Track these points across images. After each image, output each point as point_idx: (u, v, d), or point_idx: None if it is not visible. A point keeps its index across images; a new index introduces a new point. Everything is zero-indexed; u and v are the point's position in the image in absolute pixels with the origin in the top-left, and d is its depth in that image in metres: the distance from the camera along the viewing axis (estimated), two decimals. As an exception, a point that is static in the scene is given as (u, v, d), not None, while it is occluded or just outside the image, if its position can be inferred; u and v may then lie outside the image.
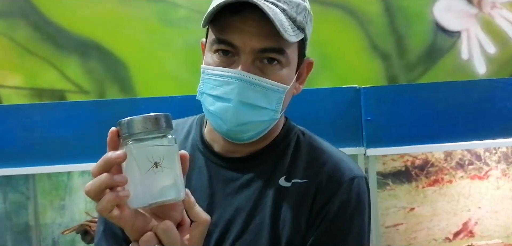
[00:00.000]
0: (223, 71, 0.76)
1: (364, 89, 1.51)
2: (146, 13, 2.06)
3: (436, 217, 1.83)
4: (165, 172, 0.62)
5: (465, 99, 1.59)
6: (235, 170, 0.84)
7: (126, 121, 0.62)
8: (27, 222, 1.86)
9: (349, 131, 1.51)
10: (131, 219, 0.63)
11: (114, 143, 0.63)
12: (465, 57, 2.09)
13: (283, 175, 0.84)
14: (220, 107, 0.77)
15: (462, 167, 1.83)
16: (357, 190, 0.83)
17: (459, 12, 2.10)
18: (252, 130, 0.80)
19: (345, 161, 0.86)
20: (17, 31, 2.04)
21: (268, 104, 0.78)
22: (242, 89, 0.76)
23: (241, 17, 0.74)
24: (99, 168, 0.61)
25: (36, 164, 1.56)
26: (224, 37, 0.76)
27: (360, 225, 0.83)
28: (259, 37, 0.75)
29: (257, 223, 0.81)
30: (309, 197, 0.82)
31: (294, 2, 0.78)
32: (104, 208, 0.61)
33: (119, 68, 2.06)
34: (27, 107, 1.63)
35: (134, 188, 0.62)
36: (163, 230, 0.63)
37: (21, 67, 2.05)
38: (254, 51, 0.76)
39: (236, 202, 0.82)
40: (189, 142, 0.88)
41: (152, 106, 1.59)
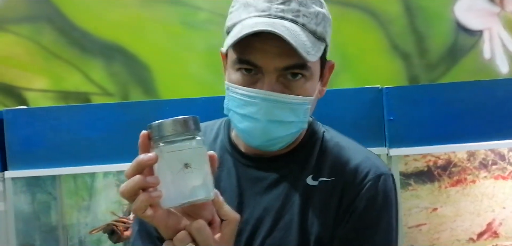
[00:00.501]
0: (248, 92, 0.77)
1: (386, 90, 1.51)
2: (168, 16, 2.09)
3: (459, 218, 1.82)
4: (194, 172, 0.64)
5: (488, 98, 1.58)
6: (263, 169, 0.86)
7: (156, 124, 0.65)
8: (54, 222, 1.90)
9: (371, 131, 1.51)
10: (164, 218, 0.65)
11: (145, 145, 0.65)
12: (487, 57, 2.08)
13: (310, 174, 0.85)
14: (249, 126, 0.79)
15: (485, 167, 1.82)
16: (383, 187, 0.84)
17: (481, 11, 2.08)
18: (282, 142, 0.82)
19: (371, 158, 0.87)
20: (43, 36, 2.10)
21: (296, 117, 0.80)
22: (269, 109, 0.77)
23: (262, 38, 0.75)
24: (132, 170, 0.64)
25: (63, 165, 1.60)
26: (246, 58, 0.77)
27: (388, 222, 0.84)
28: (281, 56, 0.76)
29: (286, 221, 0.83)
30: (336, 195, 0.83)
31: (313, 13, 0.78)
32: (139, 208, 0.63)
33: (142, 71, 2.10)
34: (55, 110, 1.67)
35: (166, 188, 0.64)
36: (197, 229, 0.65)
37: (47, 70, 2.11)
38: (277, 70, 0.77)
39: (265, 201, 0.84)
40: (217, 144, 0.91)
41: (176, 108, 1.63)
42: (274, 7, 0.77)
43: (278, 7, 0.77)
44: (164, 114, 1.79)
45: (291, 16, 0.77)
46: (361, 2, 2.07)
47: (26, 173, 1.54)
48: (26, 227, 1.78)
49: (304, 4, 0.78)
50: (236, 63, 0.79)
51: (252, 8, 0.78)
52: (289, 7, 0.77)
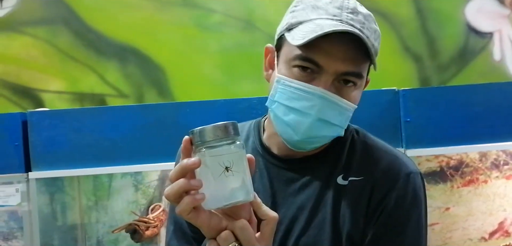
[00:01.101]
0: (305, 87, 0.80)
1: (402, 92, 1.54)
2: (182, 19, 2.12)
3: (471, 217, 1.85)
4: (235, 175, 0.67)
5: (500, 100, 1.61)
6: (294, 171, 0.89)
7: (198, 130, 0.67)
8: (73, 221, 1.93)
9: (388, 132, 1.54)
10: (207, 219, 0.68)
11: (187, 150, 0.68)
12: (498, 58, 2.11)
13: (340, 173, 0.88)
14: (295, 120, 0.82)
15: (497, 167, 1.85)
16: (413, 185, 0.86)
17: (491, 13, 2.11)
18: (319, 142, 0.86)
19: (400, 157, 0.90)
20: (59, 38, 2.12)
21: (340, 121, 0.83)
22: (323, 107, 0.80)
23: (330, 40, 0.77)
24: (176, 174, 0.66)
25: (84, 166, 1.63)
26: (311, 56, 0.80)
27: (417, 219, 0.86)
28: (345, 61, 0.79)
29: (319, 220, 0.85)
30: (366, 193, 0.86)
31: (373, 29, 0.82)
32: (183, 210, 0.66)
33: (157, 72, 2.13)
34: (77, 112, 1.70)
35: (208, 191, 0.67)
36: (240, 228, 0.68)
37: (63, 72, 2.13)
38: (336, 73, 0.80)
39: (298, 201, 0.87)
40: (249, 146, 0.93)
41: (194, 111, 1.65)
42: (344, 15, 0.80)
43: (348, 16, 0.80)
44: (183, 117, 1.81)
45: (358, 26, 0.79)
46: (373, 4, 2.10)
47: (50, 174, 1.57)
48: (44, 227, 1.81)
49: (367, 19, 0.82)
50: (297, 59, 0.81)
51: (322, 10, 0.81)
52: (357, 18, 0.80)
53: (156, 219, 1.80)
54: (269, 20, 2.07)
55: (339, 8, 0.80)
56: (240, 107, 1.60)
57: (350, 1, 0.82)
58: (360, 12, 0.81)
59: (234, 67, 2.11)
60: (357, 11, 0.81)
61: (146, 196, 1.94)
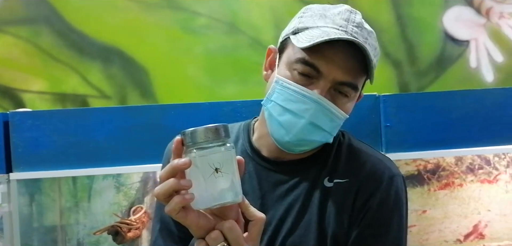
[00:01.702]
0: (302, 90, 0.84)
1: (383, 97, 1.58)
2: (168, 21, 2.13)
3: (447, 220, 1.90)
4: (224, 176, 0.69)
5: (476, 107, 1.66)
6: (283, 173, 0.92)
7: (190, 132, 0.69)
8: (53, 223, 1.91)
9: (369, 136, 1.57)
10: (196, 219, 0.70)
11: (179, 150, 0.70)
12: (474, 66, 2.17)
13: (327, 176, 0.91)
14: (289, 120, 0.85)
15: (472, 171, 1.91)
16: (395, 188, 0.91)
17: (468, 21, 2.18)
18: (307, 145, 0.89)
19: (383, 161, 0.94)
20: (41, 38, 2.10)
21: (330, 129, 0.87)
22: (316, 112, 0.83)
23: (333, 48, 0.81)
24: (166, 173, 0.68)
25: (66, 167, 1.62)
26: (313, 61, 0.83)
27: (399, 220, 0.90)
28: (344, 71, 0.83)
29: (306, 221, 0.88)
30: (351, 195, 0.89)
31: (374, 46, 0.87)
32: (173, 209, 0.68)
33: (141, 74, 2.13)
34: (60, 113, 1.69)
35: (198, 191, 0.69)
36: (229, 229, 0.71)
37: (45, 72, 2.11)
38: (334, 81, 0.83)
39: (286, 202, 0.90)
40: (238, 148, 0.95)
41: (179, 113, 1.66)
42: (350, 27, 0.84)
43: (353, 28, 0.84)
44: (168, 119, 1.82)
45: (361, 39, 0.83)
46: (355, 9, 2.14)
47: (31, 175, 1.56)
48: (24, 229, 1.79)
49: (370, 36, 0.87)
50: (299, 62, 0.84)
51: (329, 20, 0.84)
52: (361, 33, 0.84)
53: (138, 221, 1.80)
54: (253, 24, 2.10)
55: (346, 20, 0.84)
56: (224, 110, 1.62)
57: (357, 16, 0.85)
58: (365, 28, 0.85)
59: (218, 70, 2.13)
60: (362, 26, 0.84)
61: (128, 197, 1.94)
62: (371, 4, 2.16)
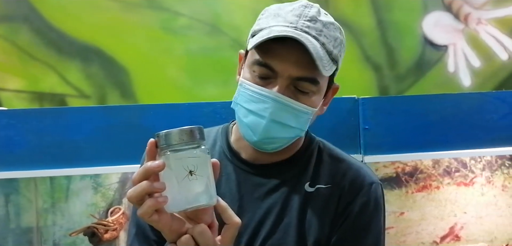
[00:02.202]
0: (260, 90, 0.84)
1: (362, 100, 1.60)
2: (148, 20, 2.11)
3: (424, 222, 1.92)
4: (199, 179, 0.68)
5: (453, 111, 1.68)
6: (262, 176, 0.92)
7: (164, 133, 0.68)
8: (29, 224, 1.88)
9: (348, 138, 1.58)
10: (169, 222, 0.69)
11: (152, 152, 0.69)
12: (452, 70, 2.21)
13: (308, 181, 0.92)
14: (253, 121, 0.86)
15: (449, 174, 1.93)
16: (375, 194, 0.92)
17: (447, 27, 2.21)
18: (278, 143, 0.89)
19: (364, 168, 0.95)
20: (19, 36, 2.07)
21: (297, 124, 0.87)
22: (276, 110, 0.84)
23: (284, 46, 0.82)
24: (139, 176, 0.67)
25: (43, 167, 1.59)
26: (267, 61, 0.84)
27: (378, 225, 0.92)
28: (298, 66, 0.83)
29: (285, 224, 0.88)
30: (334, 201, 0.90)
31: (333, 36, 0.86)
32: (145, 212, 0.67)
33: (120, 74, 2.11)
34: (36, 112, 1.66)
35: (171, 194, 0.68)
36: (199, 232, 0.70)
37: (23, 71, 2.08)
38: (291, 78, 0.84)
39: (265, 205, 0.90)
40: (216, 150, 0.95)
41: (158, 114, 1.65)
42: (301, 22, 0.84)
43: (304, 23, 0.84)
44: (147, 119, 1.80)
45: (314, 33, 0.83)
46: (336, 14, 2.14)
47: (6, 175, 1.53)
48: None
49: (327, 27, 0.86)
50: (256, 64, 0.85)
51: (281, 18, 0.85)
52: (314, 26, 0.84)
53: (116, 222, 1.78)
54: (235, 25, 2.10)
55: (297, 16, 0.84)
56: (204, 111, 1.61)
57: (312, 10, 0.85)
58: (320, 20, 0.85)
59: (199, 71, 2.12)
60: (316, 19, 0.84)
61: (106, 198, 1.92)
62: (352, 8, 2.18)
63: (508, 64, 2.22)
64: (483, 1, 2.21)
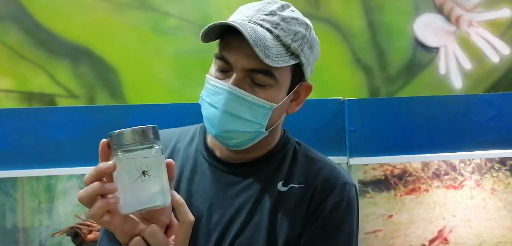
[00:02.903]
0: (217, 83, 0.85)
1: (348, 102, 1.59)
2: (138, 21, 2.11)
3: (413, 224, 1.91)
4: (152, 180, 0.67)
5: (442, 113, 1.68)
6: (236, 174, 0.91)
7: (116, 133, 0.68)
8: (15, 224, 1.87)
9: (333, 140, 1.58)
10: (121, 224, 0.69)
11: (105, 153, 0.69)
12: (443, 72, 2.20)
13: (281, 180, 0.91)
14: (211, 113, 0.86)
15: (438, 177, 1.92)
16: (348, 194, 0.92)
17: (438, 29, 2.21)
18: (237, 138, 0.88)
19: (338, 169, 0.95)
20: (8, 35, 2.07)
21: (254, 118, 0.86)
22: (228, 101, 0.84)
23: (238, 39, 0.82)
24: (91, 177, 0.67)
25: (28, 167, 1.59)
26: (222, 53, 0.85)
27: (349, 226, 0.91)
28: (249, 58, 0.82)
29: (255, 222, 0.88)
30: (306, 200, 0.90)
31: (293, 30, 0.85)
32: (95, 214, 0.66)
33: (110, 74, 2.11)
34: (22, 112, 1.66)
35: (124, 195, 0.67)
36: (150, 233, 0.69)
37: (12, 70, 2.08)
38: (244, 70, 0.84)
39: (236, 203, 0.89)
40: (193, 148, 0.95)
41: (144, 114, 1.65)
42: (257, 16, 0.85)
43: (260, 16, 0.85)
44: (132, 119, 1.80)
45: (268, 25, 0.84)
46: (326, 15, 2.16)
47: (-11, 174, 1.53)
48: (-16, 229, 1.75)
49: (287, 21, 0.85)
50: (215, 58, 0.87)
51: (241, 14, 0.86)
52: (271, 19, 0.84)
53: (102, 223, 1.77)
54: (224, 26, 2.09)
55: (256, 11, 0.85)
56: (190, 111, 1.61)
57: (273, 6, 0.86)
58: (280, 14, 0.85)
59: (188, 72, 2.12)
60: (275, 13, 0.85)
61: (95, 199, 1.91)
62: (342, 10, 2.17)
63: (500, 67, 2.21)
64: (474, 3, 2.20)
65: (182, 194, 0.89)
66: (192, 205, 0.89)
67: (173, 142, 0.96)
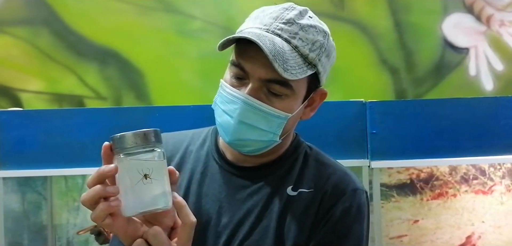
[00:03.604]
0: (232, 91, 0.84)
1: (369, 104, 1.56)
2: (163, 24, 2.14)
3: (440, 230, 1.86)
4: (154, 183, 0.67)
5: (470, 115, 1.63)
6: (246, 178, 0.91)
7: (118, 136, 0.67)
8: (43, 221, 1.94)
9: (354, 143, 1.56)
10: (124, 226, 0.68)
11: (107, 156, 0.68)
12: (473, 74, 2.13)
13: (291, 185, 0.90)
14: (225, 121, 0.85)
15: (466, 182, 1.87)
16: (358, 200, 0.89)
17: (468, 29, 2.14)
18: (250, 146, 0.87)
19: (348, 174, 0.93)
20: (40, 39, 2.14)
21: (269, 127, 0.85)
22: (244, 111, 0.82)
23: (256, 48, 0.79)
24: (93, 180, 0.66)
25: (54, 167, 1.64)
26: (238, 61, 0.83)
27: (359, 232, 0.89)
28: (267, 68, 0.80)
29: (264, 226, 0.87)
30: (315, 205, 0.88)
31: (311, 40, 0.84)
32: (98, 217, 0.66)
33: (136, 76, 2.15)
34: (49, 113, 1.71)
35: (126, 198, 0.66)
36: (152, 235, 0.68)
37: (43, 73, 2.15)
38: (261, 80, 0.82)
39: (245, 207, 0.88)
40: (204, 150, 0.95)
41: (167, 115, 1.67)
42: (275, 24, 0.82)
43: (278, 25, 0.82)
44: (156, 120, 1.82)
45: (286, 35, 0.82)
46: (352, 16, 2.13)
47: (18, 173, 1.58)
48: (15, 226, 1.81)
49: (305, 30, 0.83)
50: (232, 65, 0.85)
51: (258, 20, 0.84)
52: (289, 28, 0.82)
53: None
54: (247, 28, 2.09)
55: (274, 18, 0.83)
56: (211, 113, 1.62)
57: (291, 13, 0.84)
58: (298, 23, 0.83)
59: (212, 74, 2.11)
60: (293, 22, 0.83)
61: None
62: (368, 10, 2.14)
63: (534, 68, 2.12)
64: (506, 3, 2.13)
65: (192, 196, 0.90)
66: (202, 208, 0.89)
67: (185, 144, 0.97)
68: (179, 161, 0.94)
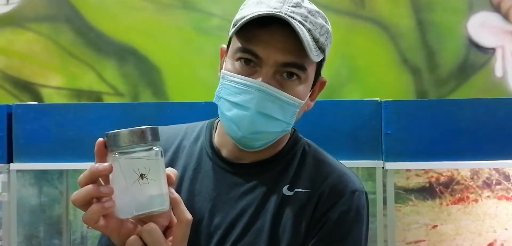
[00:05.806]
0: (244, 80, 0.79)
1: (385, 103, 1.51)
2: (181, 21, 2.15)
3: (460, 236, 1.79)
4: (150, 183, 0.63)
5: (492, 117, 1.56)
6: (240, 176, 0.87)
7: (113, 134, 0.63)
8: (59, 215, 1.96)
9: (369, 143, 1.51)
10: (117, 228, 0.65)
11: (101, 153, 0.64)
12: (499, 75, 2.05)
13: (287, 184, 0.86)
14: (237, 114, 0.80)
15: (489, 187, 1.78)
16: (357, 202, 0.85)
17: (494, 28, 2.05)
18: (264, 138, 0.83)
19: (348, 174, 0.88)
20: (61, 35, 2.18)
21: (283, 116, 0.81)
22: (261, 100, 0.78)
23: (268, 31, 0.76)
24: (85, 178, 0.62)
25: (68, 161, 1.66)
26: (250, 47, 0.78)
27: (357, 236, 0.85)
28: (284, 51, 0.77)
29: (257, 227, 0.83)
30: (311, 206, 0.84)
31: (319, 24, 0.80)
32: (90, 219, 0.62)
33: (153, 73, 2.16)
34: (63, 107, 1.74)
35: (121, 199, 0.63)
36: (148, 232, 0.65)
37: (63, 68, 2.18)
38: (276, 64, 0.78)
39: (239, 206, 0.85)
40: (198, 146, 0.91)
41: (180, 111, 1.66)
42: (285, 7, 0.78)
43: (289, 8, 0.78)
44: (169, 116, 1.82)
45: (299, 18, 0.78)
46: (372, 14, 2.07)
47: (31, 166, 1.60)
48: (31, 219, 1.84)
49: (313, 14, 0.80)
50: (238, 52, 0.80)
51: (264, 5, 0.79)
52: (299, 11, 0.79)
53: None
54: (265, 26, 2.07)
55: (282, 2, 0.79)
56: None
57: None
58: (305, 7, 0.80)
59: (229, 72, 2.12)
60: (301, 5, 0.79)
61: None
62: (389, 8, 2.08)
63: None
64: (536, 0, 2.03)
65: (184, 194, 0.85)
66: (194, 206, 0.85)
67: (179, 139, 0.93)
68: (172, 156, 0.90)
